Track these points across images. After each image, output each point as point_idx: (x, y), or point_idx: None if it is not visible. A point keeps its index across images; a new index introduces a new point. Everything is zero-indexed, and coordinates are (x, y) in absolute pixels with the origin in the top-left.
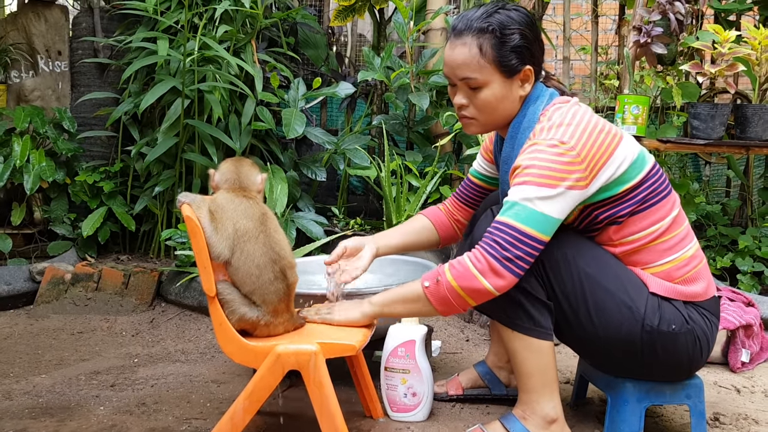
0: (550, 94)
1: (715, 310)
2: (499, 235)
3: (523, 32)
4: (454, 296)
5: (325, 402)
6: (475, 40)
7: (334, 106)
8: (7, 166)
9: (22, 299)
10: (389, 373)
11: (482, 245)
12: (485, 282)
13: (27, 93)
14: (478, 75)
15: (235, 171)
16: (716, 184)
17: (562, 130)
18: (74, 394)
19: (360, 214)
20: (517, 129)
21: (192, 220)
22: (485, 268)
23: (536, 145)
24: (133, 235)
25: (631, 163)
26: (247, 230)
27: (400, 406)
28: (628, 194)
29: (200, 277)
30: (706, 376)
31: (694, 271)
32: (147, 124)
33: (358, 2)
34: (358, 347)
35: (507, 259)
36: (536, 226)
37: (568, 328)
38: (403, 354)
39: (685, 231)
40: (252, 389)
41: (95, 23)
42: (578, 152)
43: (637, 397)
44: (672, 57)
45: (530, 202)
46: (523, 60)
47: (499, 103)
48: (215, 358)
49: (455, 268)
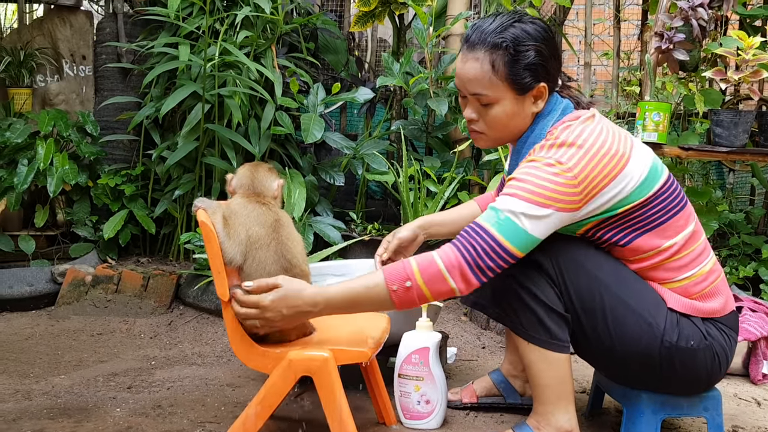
0: (563, 108)
1: (734, 325)
2: (477, 240)
3: (539, 48)
4: (420, 298)
5: (337, 408)
6: (488, 55)
7: (353, 111)
8: (31, 168)
9: (44, 300)
10: (403, 380)
11: (458, 245)
12: (452, 283)
13: (52, 97)
14: (489, 92)
15: (250, 176)
16: (740, 191)
17: (563, 150)
18: (92, 395)
19: (378, 219)
20: (524, 143)
21: (207, 225)
22: (455, 270)
23: (534, 161)
24: (154, 238)
25: (637, 184)
26: (260, 237)
27: (414, 414)
28: (633, 212)
29: (214, 281)
30: (726, 388)
31: (711, 287)
32: (168, 128)
33: (378, 8)
34: (370, 354)
35: (479, 267)
36: (516, 242)
37: (585, 341)
38: (417, 361)
39: (702, 246)
40: (264, 394)
41: (119, 28)
42: (575, 175)
43: (653, 408)
44: (694, 63)
45: (516, 217)
46: (537, 77)
47: (510, 120)
48: (231, 362)
49: (427, 272)
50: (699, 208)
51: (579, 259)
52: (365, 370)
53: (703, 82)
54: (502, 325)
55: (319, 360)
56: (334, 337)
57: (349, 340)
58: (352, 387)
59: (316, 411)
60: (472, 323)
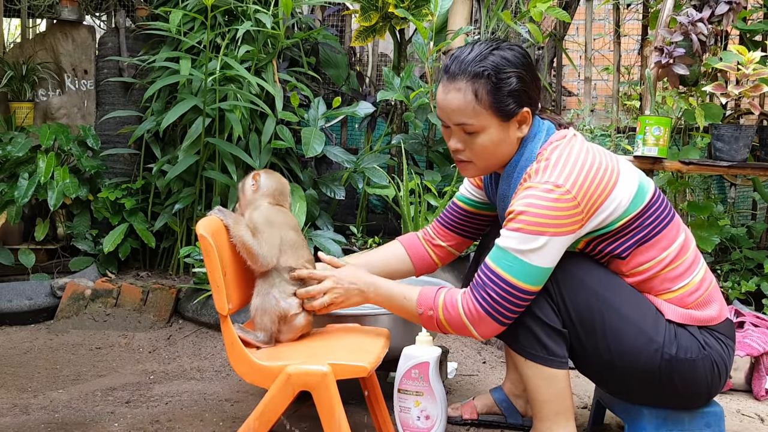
0: (547, 129)
1: (730, 333)
2: (491, 287)
3: (520, 75)
4: (441, 329)
5: (336, 424)
6: (470, 85)
7: (354, 125)
8: (31, 182)
9: (43, 314)
10: (402, 395)
11: (475, 295)
12: (473, 330)
13: (53, 111)
14: (474, 121)
15: (279, 184)
16: (741, 206)
17: (557, 171)
18: (90, 410)
19: (379, 233)
20: (514, 168)
21: (206, 239)
22: (475, 318)
23: (531, 188)
24: (153, 252)
25: (631, 197)
26: (294, 240)
27: (413, 429)
28: (629, 225)
29: (213, 295)
30: (729, 404)
31: (706, 294)
32: (169, 142)
33: (379, 23)
34: (369, 369)
35: (498, 312)
36: (529, 280)
37: (585, 357)
38: (417, 376)
39: (693, 254)
40: (262, 410)
41: (120, 43)
42: (574, 196)
43: (655, 424)
44: (694, 78)
45: (523, 255)
46: (520, 103)
47: (496, 148)
48: (230, 377)
49: (448, 312)
50: (700, 222)
51: (577, 274)
52: (364, 386)
53: (703, 97)
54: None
55: (318, 375)
56: (333, 351)
57: (349, 354)
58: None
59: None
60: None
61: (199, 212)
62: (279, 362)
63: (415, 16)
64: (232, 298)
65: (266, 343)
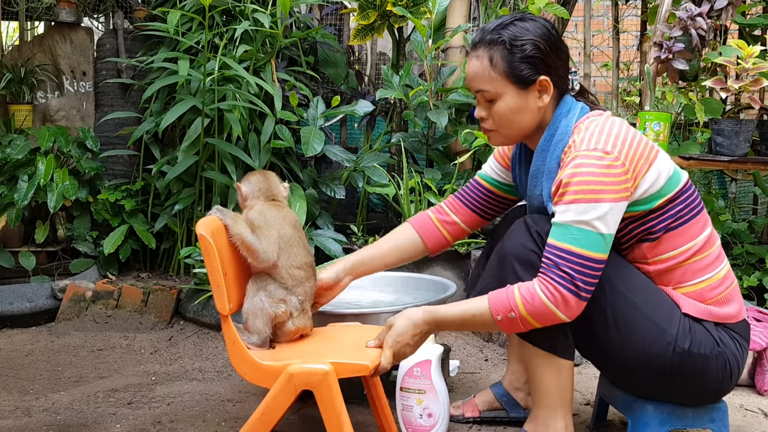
0: (581, 108)
1: (745, 334)
2: (566, 264)
3: (536, 43)
4: (525, 325)
5: (338, 423)
6: (487, 52)
7: (353, 124)
8: (31, 184)
9: (44, 316)
10: (405, 393)
11: (552, 277)
12: (559, 314)
13: (52, 113)
14: (490, 87)
15: (265, 182)
16: (743, 201)
17: (603, 139)
18: (92, 411)
19: (379, 232)
20: (549, 142)
21: (206, 238)
22: (560, 301)
23: (579, 157)
24: (154, 253)
25: (668, 176)
26: (291, 236)
27: (416, 427)
28: (663, 207)
29: (213, 295)
30: (732, 399)
31: (726, 292)
32: (168, 143)
33: (377, 21)
34: (371, 368)
35: (578, 288)
36: (598, 248)
37: (595, 345)
38: (419, 374)
39: (718, 251)
40: (264, 409)
41: (119, 44)
42: (623, 162)
43: (659, 419)
44: (694, 73)
45: (587, 225)
46: (536, 70)
47: (514, 115)
48: (231, 377)
49: (529, 304)
50: None
51: None
52: (367, 385)
53: (703, 92)
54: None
55: (320, 373)
56: (334, 350)
57: (350, 353)
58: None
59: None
60: (475, 336)
61: (199, 213)
62: (281, 362)
63: (413, 14)
64: (233, 298)
65: (259, 346)
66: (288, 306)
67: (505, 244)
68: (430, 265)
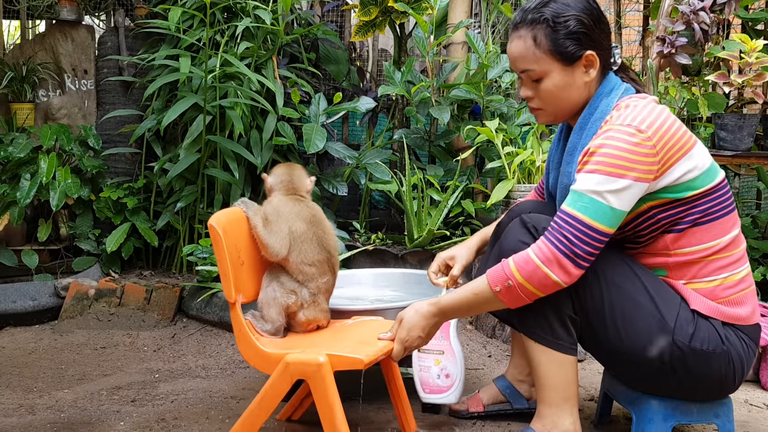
0: (625, 89)
1: (755, 337)
2: (567, 228)
3: (579, 17)
4: (526, 294)
5: (331, 414)
6: (530, 31)
7: (355, 120)
8: (33, 183)
9: (47, 314)
10: (423, 354)
11: (550, 238)
12: (553, 276)
13: (54, 111)
14: (535, 66)
15: (288, 174)
16: (746, 196)
17: (640, 117)
18: (95, 409)
19: (382, 229)
20: (587, 120)
21: (214, 228)
22: (552, 261)
23: (611, 130)
24: (156, 251)
25: (703, 170)
26: (303, 232)
27: (433, 388)
28: (694, 201)
29: (222, 284)
30: (737, 394)
31: (740, 294)
32: (170, 140)
33: (379, 17)
34: (366, 362)
35: (575, 255)
36: (605, 220)
37: (597, 340)
38: (438, 335)
39: (741, 253)
40: (263, 396)
41: (120, 42)
42: (654, 144)
43: (663, 415)
44: (697, 67)
45: (599, 196)
46: (581, 45)
47: (561, 92)
48: (235, 374)
49: (524, 269)
50: None
51: None
52: (387, 377)
53: (706, 86)
54: (510, 326)
55: (314, 364)
56: (337, 343)
57: (350, 346)
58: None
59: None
60: (478, 332)
61: (201, 210)
62: (281, 350)
63: (414, 9)
64: (248, 288)
65: (273, 334)
66: (298, 297)
67: (503, 242)
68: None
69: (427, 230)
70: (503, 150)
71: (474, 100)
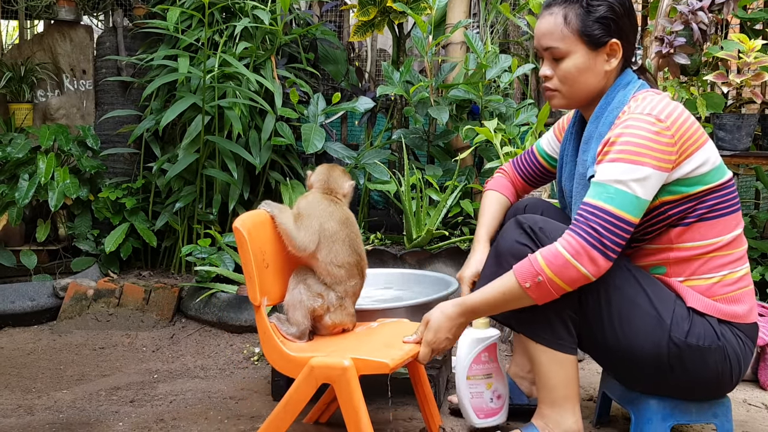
0: (641, 84)
1: (752, 335)
2: (593, 220)
3: (612, 5)
4: (555, 289)
5: (356, 418)
6: (562, 10)
7: (354, 120)
8: (32, 183)
9: (46, 315)
10: (473, 381)
11: (578, 231)
12: (583, 269)
13: (53, 111)
14: (560, 44)
15: (326, 174)
16: (744, 195)
17: (660, 107)
18: (94, 409)
19: (380, 229)
20: (603, 110)
21: (239, 231)
22: (582, 254)
23: (631, 119)
24: (155, 251)
25: (714, 165)
26: (335, 231)
27: (488, 412)
28: (702, 196)
29: (246, 286)
30: (735, 394)
31: (738, 292)
32: (168, 140)
33: (377, 17)
34: (392, 366)
35: (604, 246)
36: (631, 209)
37: (595, 340)
38: (486, 359)
39: (741, 253)
40: (288, 399)
41: (119, 42)
42: (673, 134)
43: (662, 415)
44: (695, 67)
45: (624, 185)
46: (608, 32)
47: (580, 75)
48: (234, 375)
49: (553, 264)
50: None
51: None
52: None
53: (704, 86)
54: (510, 328)
55: (339, 368)
56: (362, 346)
57: (376, 350)
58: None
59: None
60: None
61: (199, 210)
62: (306, 354)
63: (413, 10)
64: (273, 291)
65: (298, 338)
66: (325, 301)
67: (500, 242)
68: (431, 262)
69: (425, 230)
70: (502, 150)
71: (473, 100)
